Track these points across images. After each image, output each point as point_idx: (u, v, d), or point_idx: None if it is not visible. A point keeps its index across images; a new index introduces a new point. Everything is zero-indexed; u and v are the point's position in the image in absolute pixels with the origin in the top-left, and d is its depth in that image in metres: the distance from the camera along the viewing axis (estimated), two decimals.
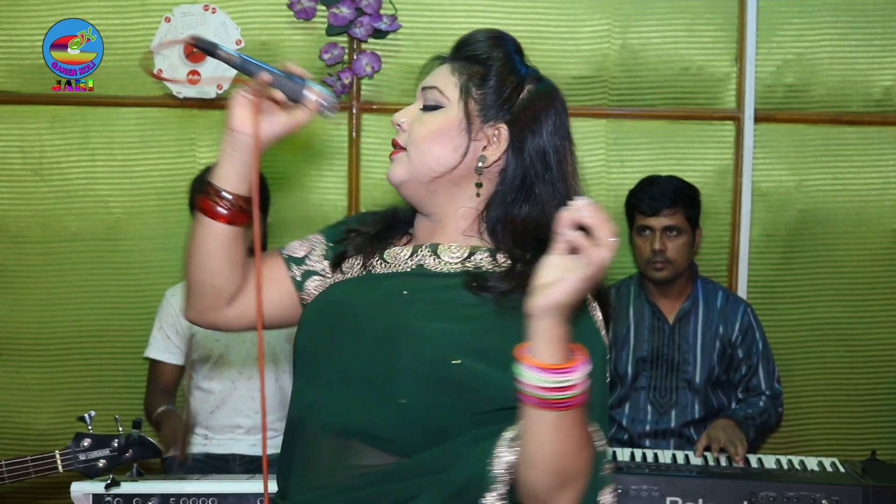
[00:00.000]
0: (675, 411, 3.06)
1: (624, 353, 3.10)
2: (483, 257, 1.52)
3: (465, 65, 1.57)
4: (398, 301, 1.49)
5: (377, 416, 1.43)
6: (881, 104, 3.39)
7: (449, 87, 1.55)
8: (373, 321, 1.48)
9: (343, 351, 1.47)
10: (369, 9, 3.21)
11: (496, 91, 1.56)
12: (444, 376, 1.40)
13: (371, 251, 1.59)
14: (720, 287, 3.19)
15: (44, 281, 3.39)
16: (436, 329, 1.43)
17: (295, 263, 1.63)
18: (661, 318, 3.11)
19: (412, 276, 1.53)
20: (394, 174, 1.56)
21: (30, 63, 3.29)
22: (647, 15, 3.35)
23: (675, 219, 3.04)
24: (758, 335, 3.09)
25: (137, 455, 2.04)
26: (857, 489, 2.38)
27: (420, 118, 1.56)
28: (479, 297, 1.45)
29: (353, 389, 1.45)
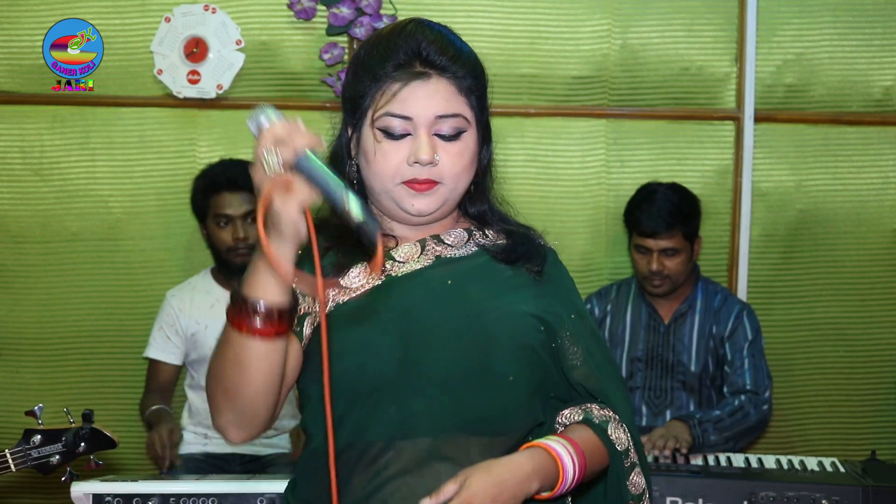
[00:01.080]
0: (670, 411, 3.06)
1: (618, 351, 3.10)
2: (478, 235, 1.59)
3: (461, 80, 1.50)
4: (450, 292, 1.50)
5: (487, 401, 1.46)
6: (881, 104, 3.39)
7: (467, 111, 1.50)
8: (443, 318, 1.48)
9: (428, 355, 1.45)
10: (369, 9, 3.21)
11: (485, 97, 1.56)
12: (536, 344, 1.51)
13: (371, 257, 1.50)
14: (721, 289, 3.18)
15: (44, 281, 3.39)
16: (509, 302, 1.51)
17: None
18: (657, 318, 3.11)
19: (439, 268, 1.53)
20: (426, 208, 1.49)
21: (30, 63, 3.29)
22: (647, 15, 3.35)
23: (672, 241, 3.01)
24: (749, 333, 3.03)
25: (91, 448, 2.00)
26: (857, 489, 2.38)
27: (447, 149, 1.48)
28: (512, 267, 1.55)
29: (453, 386, 1.45)
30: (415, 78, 1.46)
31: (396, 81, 1.46)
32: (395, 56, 1.47)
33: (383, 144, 1.47)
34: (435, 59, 1.47)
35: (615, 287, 3.21)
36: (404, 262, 1.52)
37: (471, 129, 1.51)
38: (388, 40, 1.50)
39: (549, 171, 3.39)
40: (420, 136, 1.46)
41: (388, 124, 1.47)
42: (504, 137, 3.42)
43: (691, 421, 2.84)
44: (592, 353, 1.57)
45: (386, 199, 1.51)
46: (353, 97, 1.52)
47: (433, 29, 1.52)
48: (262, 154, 1.25)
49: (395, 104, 1.46)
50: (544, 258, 1.59)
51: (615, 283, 3.23)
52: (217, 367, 1.38)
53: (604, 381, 1.57)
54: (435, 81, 1.47)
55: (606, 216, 3.39)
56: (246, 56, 3.29)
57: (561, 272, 1.63)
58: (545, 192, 3.39)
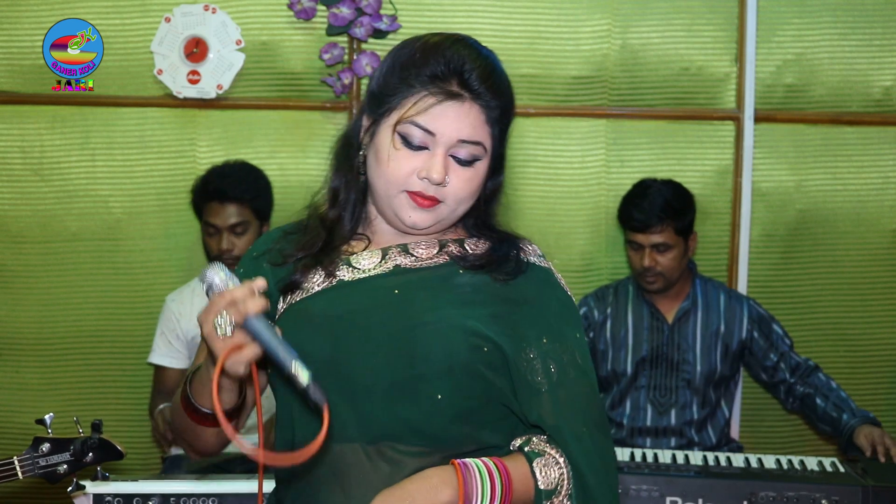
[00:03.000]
0: (675, 410, 3.06)
1: (623, 353, 3.10)
2: (454, 248, 1.56)
3: (491, 109, 1.49)
4: (393, 301, 1.48)
5: (415, 416, 1.44)
6: (881, 104, 3.39)
7: (488, 141, 1.50)
8: (378, 327, 1.46)
9: (356, 361, 1.45)
10: (369, 9, 3.21)
11: (507, 127, 1.55)
12: (475, 364, 1.45)
13: (329, 261, 1.53)
14: (721, 286, 3.18)
15: (44, 281, 3.39)
16: (450, 316, 1.47)
17: None
18: (660, 318, 3.11)
19: (393, 276, 1.52)
20: (421, 223, 1.50)
21: (30, 63, 3.29)
22: (647, 15, 3.35)
23: (663, 236, 3.01)
24: (773, 324, 3.10)
25: (98, 458, 1.99)
26: (857, 489, 2.38)
27: (458, 173, 1.49)
28: (471, 276, 1.52)
29: (379, 396, 1.44)
30: (450, 97, 1.46)
31: (431, 95, 1.46)
32: (437, 68, 1.46)
33: (400, 151, 1.48)
34: (474, 84, 1.47)
35: (612, 289, 3.20)
36: (359, 269, 1.53)
37: (486, 158, 1.51)
38: (435, 50, 1.48)
39: (549, 171, 3.39)
40: (437, 154, 1.46)
41: (410, 133, 1.47)
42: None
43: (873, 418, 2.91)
44: (562, 384, 1.48)
45: (385, 202, 1.51)
46: (381, 92, 1.51)
47: (481, 53, 1.50)
48: (215, 318, 1.34)
49: (423, 116, 1.46)
50: (521, 271, 1.54)
51: (611, 285, 3.23)
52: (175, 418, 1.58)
53: (562, 417, 1.48)
54: (468, 105, 1.47)
55: (606, 216, 3.39)
56: (246, 56, 3.29)
57: (548, 294, 1.55)
58: (545, 192, 3.39)
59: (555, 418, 1.47)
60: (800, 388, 3.04)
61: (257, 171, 3.19)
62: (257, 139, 3.36)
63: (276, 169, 3.33)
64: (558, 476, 1.45)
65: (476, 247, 1.57)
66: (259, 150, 3.36)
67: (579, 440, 1.47)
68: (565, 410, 1.48)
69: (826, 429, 2.98)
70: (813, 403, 3.00)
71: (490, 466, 1.43)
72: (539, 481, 1.44)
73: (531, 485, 1.44)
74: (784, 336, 3.10)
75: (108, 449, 1.99)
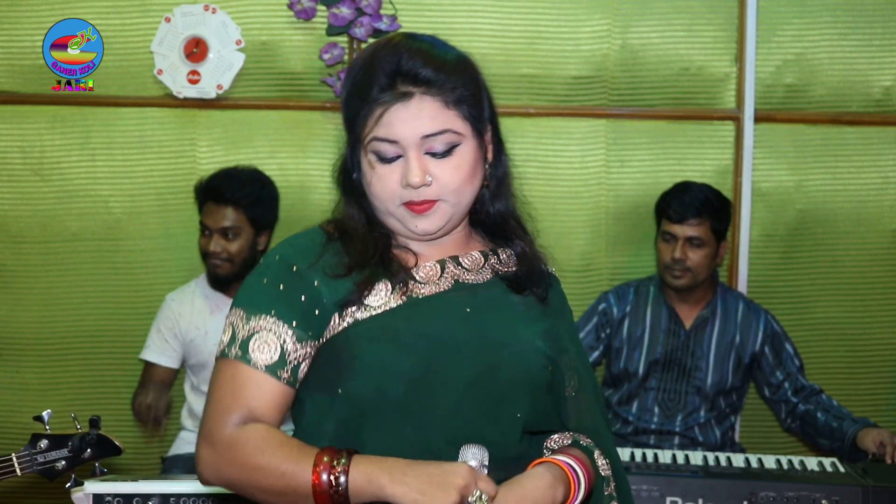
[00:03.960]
0: (682, 415, 3.06)
1: (637, 353, 3.10)
2: (494, 259, 1.59)
3: (447, 92, 1.46)
4: (470, 321, 1.50)
5: (497, 433, 1.47)
6: (881, 104, 3.39)
7: (457, 123, 1.46)
8: (465, 346, 1.47)
9: (447, 383, 1.45)
10: (369, 9, 3.21)
11: (480, 100, 1.52)
12: (543, 384, 1.52)
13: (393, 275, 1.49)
14: (740, 296, 3.18)
15: (44, 281, 3.39)
16: (524, 339, 1.51)
17: (279, 368, 1.44)
18: (678, 322, 3.11)
19: (457, 292, 1.52)
20: (430, 227, 1.49)
21: (30, 63, 3.29)
22: (647, 15, 3.35)
23: (699, 230, 3.03)
24: (786, 342, 3.11)
25: (97, 454, 1.99)
26: (857, 489, 2.38)
27: (441, 166, 1.46)
28: (523, 297, 1.57)
29: (465, 414, 1.45)
30: (397, 100, 1.44)
31: (380, 105, 1.44)
32: (379, 77, 1.45)
33: (377, 168, 1.47)
34: (417, 75, 1.44)
35: (632, 287, 3.20)
36: (425, 283, 1.51)
37: (466, 140, 1.48)
38: (372, 61, 1.47)
39: (549, 171, 3.39)
40: (409, 158, 1.45)
41: (378, 149, 1.46)
42: (504, 137, 3.43)
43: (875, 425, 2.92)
44: (584, 385, 1.59)
45: (391, 219, 1.51)
46: (347, 118, 1.52)
47: (416, 42, 1.48)
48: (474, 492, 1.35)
49: (380, 128, 1.45)
50: (549, 284, 1.62)
51: (632, 283, 3.22)
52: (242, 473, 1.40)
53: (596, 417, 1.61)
54: (418, 100, 1.44)
55: (606, 216, 3.39)
56: (246, 56, 3.29)
57: (563, 302, 1.66)
58: (545, 192, 3.39)
59: (592, 420, 1.59)
60: (801, 407, 3.05)
61: (265, 180, 3.15)
62: (257, 139, 3.36)
63: (276, 169, 3.33)
64: (608, 465, 1.56)
65: (506, 257, 1.61)
66: (259, 150, 3.36)
67: (607, 439, 1.61)
68: (596, 411, 1.62)
69: (825, 442, 2.97)
70: (813, 418, 3.01)
71: (577, 462, 1.50)
72: (601, 470, 1.54)
73: (594, 475, 1.53)
74: (794, 356, 3.10)
75: (107, 444, 1.99)
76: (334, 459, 1.35)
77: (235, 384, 1.44)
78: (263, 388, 1.43)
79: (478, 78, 1.52)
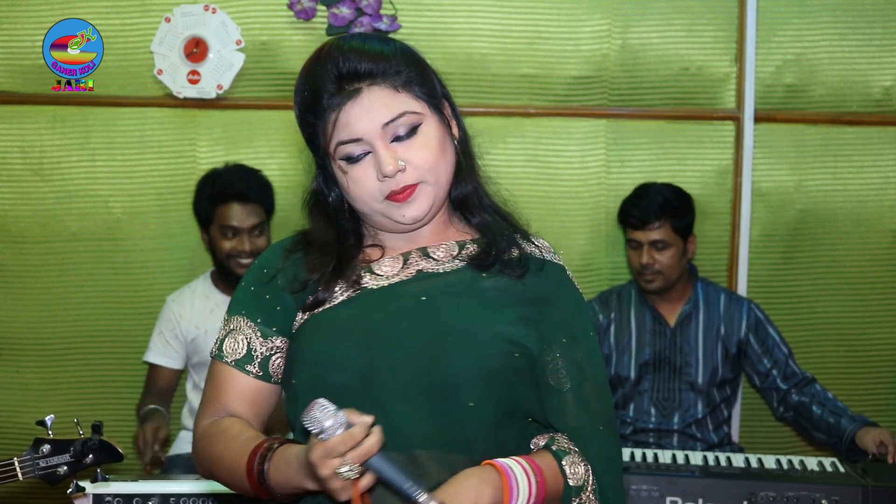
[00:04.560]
0: (679, 412, 3.07)
1: (626, 357, 3.10)
2: (472, 248, 1.56)
3: (393, 77, 1.47)
4: (422, 309, 1.48)
5: (447, 423, 1.44)
6: (881, 104, 3.39)
7: (413, 104, 1.48)
8: (410, 335, 1.46)
9: (391, 372, 1.45)
10: (369, 9, 3.21)
11: (427, 77, 1.52)
12: (506, 371, 1.46)
13: (350, 271, 1.52)
14: (721, 289, 3.19)
15: (44, 281, 3.39)
16: (484, 323, 1.47)
17: (246, 363, 1.53)
18: (662, 321, 3.11)
19: (417, 282, 1.51)
20: (418, 212, 1.49)
21: (30, 63, 3.29)
22: (647, 15, 3.35)
23: (661, 233, 3.04)
24: (770, 329, 3.09)
25: (98, 460, 1.99)
26: (857, 489, 2.38)
27: (410, 148, 1.47)
28: (494, 279, 1.51)
29: (415, 406, 1.44)
30: (347, 99, 1.46)
31: (333, 110, 1.46)
32: (323, 87, 1.47)
33: (350, 172, 1.48)
34: (357, 70, 1.46)
35: (615, 293, 3.21)
36: (383, 276, 1.52)
37: (427, 118, 1.49)
38: (312, 74, 1.49)
39: (549, 171, 3.39)
40: (377, 150, 1.46)
41: (345, 152, 1.48)
42: (504, 137, 3.44)
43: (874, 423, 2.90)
44: (581, 384, 1.51)
45: (377, 217, 1.51)
46: (308, 139, 1.53)
47: (347, 42, 1.50)
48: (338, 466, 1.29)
49: (341, 132, 1.47)
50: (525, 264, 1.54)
51: (614, 289, 3.24)
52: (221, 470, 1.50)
53: (582, 418, 1.51)
54: (367, 93, 1.46)
55: (606, 216, 3.39)
56: (246, 56, 3.29)
57: (564, 292, 1.58)
58: (545, 192, 3.39)
59: (577, 419, 1.50)
60: (794, 397, 3.05)
61: (259, 172, 3.20)
62: (257, 139, 3.36)
63: (275, 169, 3.33)
64: (584, 472, 1.48)
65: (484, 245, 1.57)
66: (259, 150, 3.36)
67: (597, 440, 1.51)
68: (585, 411, 1.51)
69: (821, 436, 2.97)
70: (808, 411, 3.00)
71: (524, 465, 1.44)
72: (569, 478, 1.46)
73: (561, 482, 1.46)
74: (781, 343, 3.10)
75: (108, 450, 1.99)
76: (263, 451, 1.42)
77: (214, 381, 1.56)
78: (234, 383, 1.54)
79: (418, 58, 1.54)
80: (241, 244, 3.06)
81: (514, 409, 1.49)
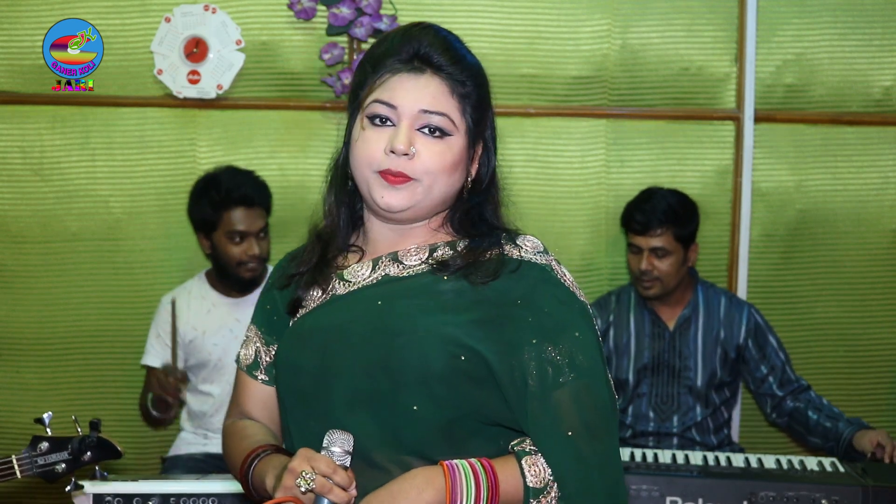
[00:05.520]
0: (678, 416, 3.06)
1: (625, 361, 3.10)
2: (444, 251, 1.54)
3: (457, 84, 1.49)
4: (376, 312, 1.48)
5: (393, 427, 1.44)
6: (881, 104, 3.39)
7: (456, 115, 1.49)
8: (360, 339, 1.47)
9: (339, 376, 1.47)
10: (369, 9, 3.21)
11: (484, 111, 1.54)
12: (451, 374, 1.43)
13: (324, 278, 1.55)
14: (722, 292, 3.18)
15: (44, 281, 3.39)
16: (429, 325, 1.45)
17: (255, 370, 1.65)
18: (661, 325, 3.11)
19: (380, 286, 1.52)
20: (395, 203, 1.47)
21: (30, 63, 3.29)
22: (647, 15, 3.35)
23: (662, 240, 3.03)
24: (769, 335, 3.09)
25: (96, 457, 1.99)
26: (857, 489, 2.38)
27: (428, 146, 1.47)
28: (455, 282, 1.49)
29: (360, 410, 1.45)
30: (408, 70, 1.48)
31: (390, 71, 1.49)
32: (397, 52, 1.49)
33: (367, 131, 1.49)
34: (432, 58, 1.49)
35: (613, 296, 3.21)
36: (351, 282, 1.54)
37: (458, 134, 1.49)
38: (395, 38, 1.52)
39: (549, 171, 3.39)
40: (402, 125, 1.47)
41: (374, 111, 1.49)
42: (504, 137, 3.41)
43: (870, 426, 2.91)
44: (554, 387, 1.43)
45: (364, 187, 1.52)
46: (354, 88, 1.55)
47: (439, 33, 1.53)
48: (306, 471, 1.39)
49: (383, 91, 1.48)
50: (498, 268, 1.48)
51: (613, 292, 3.24)
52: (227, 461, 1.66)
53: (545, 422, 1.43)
54: (427, 77, 1.48)
55: (606, 216, 3.39)
56: (246, 56, 3.29)
57: (542, 292, 1.48)
58: (545, 192, 3.39)
59: (538, 422, 1.44)
60: (790, 403, 3.05)
61: (254, 173, 3.19)
62: (257, 139, 3.36)
63: (275, 169, 3.33)
64: (545, 475, 1.43)
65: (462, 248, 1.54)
66: (259, 150, 3.36)
67: (562, 445, 1.43)
68: (548, 414, 1.43)
69: (816, 441, 2.97)
70: (804, 417, 3.00)
71: (476, 466, 1.42)
72: (528, 479, 1.42)
73: (520, 484, 1.42)
74: (779, 350, 3.09)
75: (107, 448, 1.99)
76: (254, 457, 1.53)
77: (235, 385, 1.70)
78: (247, 387, 1.66)
79: (487, 89, 1.55)
80: (250, 248, 3.05)
81: (466, 413, 1.45)
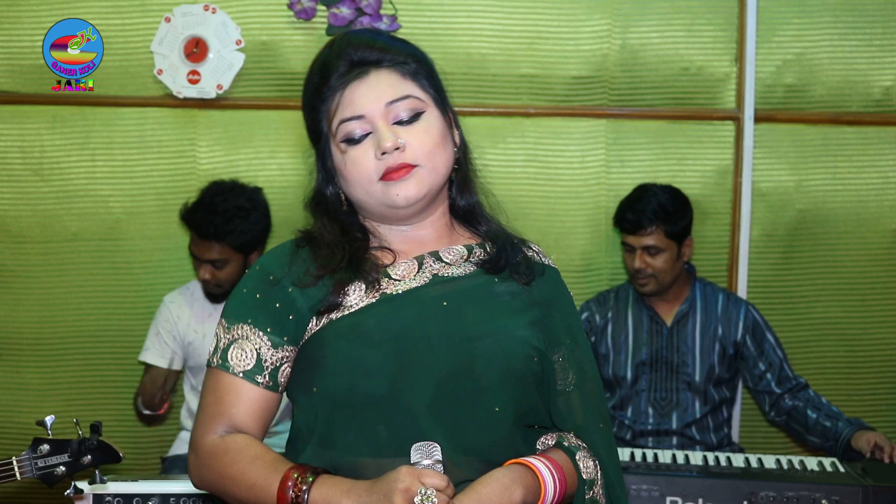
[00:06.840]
0: (676, 412, 3.06)
1: (623, 357, 3.10)
2: (480, 253, 1.57)
3: (401, 66, 1.51)
4: (445, 314, 1.48)
5: (474, 429, 1.45)
6: (881, 104, 3.38)
7: (417, 91, 1.51)
8: (438, 338, 1.46)
9: (422, 380, 1.44)
10: (369, 9, 3.21)
11: (437, 78, 1.56)
12: (527, 375, 1.49)
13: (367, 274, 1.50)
14: (720, 289, 3.18)
15: (44, 281, 3.39)
16: (504, 328, 1.49)
17: (256, 374, 1.49)
18: (659, 321, 3.11)
19: (435, 286, 1.51)
20: (411, 193, 1.48)
21: (30, 63, 3.29)
22: (647, 15, 3.35)
23: (654, 238, 3.03)
24: (767, 332, 3.09)
25: (96, 460, 1.98)
26: (857, 489, 2.38)
27: (411, 132, 1.49)
28: (506, 283, 1.54)
29: (443, 413, 1.44)
30: (354, 78, 1.49)
31: (339, 89, 1.49)
32: (336, 70, 1.50)
33: (349, 153, 1.49)
34: (366, 56, 1.50)
35: (612, 293, 3.21)
36: (400, 280, 1.51)
37: (430, 109, 1.52)
38: (320, 60, 1.53)
39: (549, 171, 3.39)
40: (378, 128, 1.47)
41: (347, 130, 1.49)
42: (504, 137, 3.44)
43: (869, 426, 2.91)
44: (583, 380, 1.56)
45: (372, 202, 1.51)
46: (312, 129, 1.54)
47: (357, 33, 1.55)
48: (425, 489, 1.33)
49: (344, 109, 1.48)
50: (533, 270, 1.58)
51: (612, 289, 3.24)
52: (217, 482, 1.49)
53: (587, 416, 1.55)
54: (374, 75, 1.49)
55: (606, 216, 3.39)
56: (246, 56, 3.29)
57: (562, 295, 1.61)
58: (545, 192, 3.39)
59: (582, 417, 1.54)
60: (788, 401, 3.05)
61: (248, 207, 3.02)
62: (257, 139, 3.36)
63: (275, 169, 3.33)
64: (594, 467, 1.52)
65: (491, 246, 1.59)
66: (259, 150, 3.36)
67: (601, 436, 1.55)
68: (588, 409, 1.56)
69: (815, 440, 2.97)
70: (803, 415, 3.00)
71: (547, 463, 1.46)
72: (582, 472, 1.49)
73: (575, 477, 1.49)
74: (777, 347, 3.09)
75: (107, 451, 1.98)
76: (300, 478, 1.38)
77: (218, 392, 1.50)
78: (242, 395, 1.49)
79: (426, 57, 1.56)
80: (203, 272, 3.02)
81: (528, 412, 1.51)
